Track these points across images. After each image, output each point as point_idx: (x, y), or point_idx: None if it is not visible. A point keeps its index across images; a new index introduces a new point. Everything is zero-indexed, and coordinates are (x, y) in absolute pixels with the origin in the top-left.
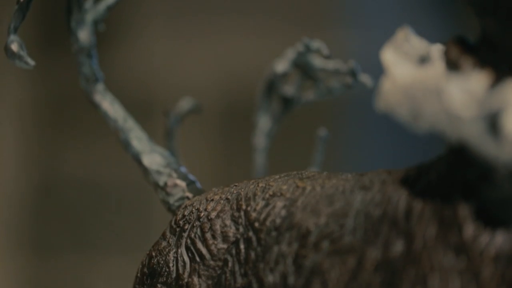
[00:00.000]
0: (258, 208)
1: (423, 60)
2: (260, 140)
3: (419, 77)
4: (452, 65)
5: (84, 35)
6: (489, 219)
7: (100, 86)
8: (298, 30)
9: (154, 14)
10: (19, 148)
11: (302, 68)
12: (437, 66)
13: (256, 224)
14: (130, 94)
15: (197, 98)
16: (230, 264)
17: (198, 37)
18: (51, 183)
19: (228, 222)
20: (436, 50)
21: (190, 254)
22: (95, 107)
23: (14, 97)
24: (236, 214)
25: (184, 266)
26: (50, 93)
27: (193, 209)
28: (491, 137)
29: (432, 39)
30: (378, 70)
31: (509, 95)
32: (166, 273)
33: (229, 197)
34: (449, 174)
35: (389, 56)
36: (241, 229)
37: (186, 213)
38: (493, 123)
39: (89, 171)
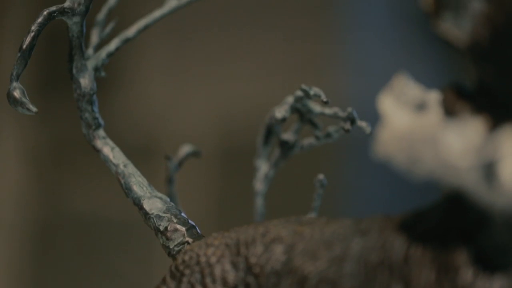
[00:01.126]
0: (257, 253)
1: (420, 107)
2: (260, 184)
3: (416, 125)
4: (449, 112)
5: (85, 81)
6: (487, 264)
7: (101, 132)
8: (295, 74)
9: (152, 59)
10: (21, 186)
11: (301, 113)
12: (434, 113)
13: (256, 269)
14: (131, 137)
15: (196, 141)
16: None
17: (197, 81)
18: (52, 221)
19: (228, 267)
20: (433, 96)
21: None
22: (97, 152)
23: (17, 137)
24: (235, 259)
25: None
26: (52, 134)
27: (193, 254)
28: (488, 185)
29: (430, 83)
30: (376, 114)
31: (506, 143)
32: None
33: (228, 242)
34: (446, 220)
35: (387, 104)
36: (241, 274)
37: (186, 258)
38: (489, 171)
39: (90, 209)
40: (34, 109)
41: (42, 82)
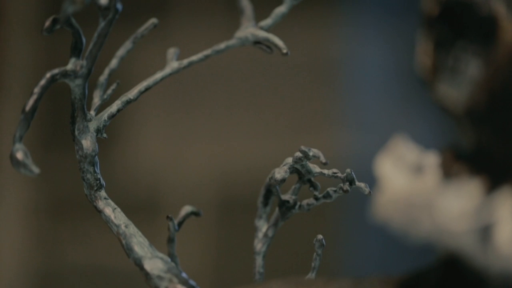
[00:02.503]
0: None
1: (418, 169)
2: (260, 244)
3: (413, 189)
4: (446, 175)
5: (87, 143)
6: None
7: (102, 193)
8: (293, 131)
9: (152, 115)
10: (23, 241)
11: (301, 174)
12: (431, 176)
13: None
14: (131, 193)
15: (196, 197)
16: None
17: (197, 138)
18: (52, 271)
19: None
20: (431, 158)
21: None
22: (98, 212)
23: (18, 194)
24: None
25: None
26: (52, 191)
27: None
28: (483, 248)
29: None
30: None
31: (502, 207)
32: None
33: None
34: (443, 283)
35: (384, 166)
36: None
37: None
38: (485, 234)
39: (90, 261)
40: (36, 171)
41: (43, 140)
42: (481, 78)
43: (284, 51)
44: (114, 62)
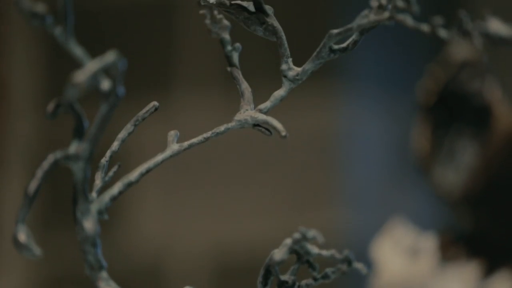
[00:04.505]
0: None
1: (415, 252)
2: None
3: (410, 273)
4: (443, 257)
5: (89, 225)
6: None
7: (104, 274)
8: (291, 208)
9: (151, 193)
10: None
11: (299, 255)
12: (428, 260)
13: None
14: (132, 270)
15: (195, 272)
16: None
17: (196, 217)
18: None
19: None
20: (428, 241)
21: None
22: None
23: (22, 270)
24: None
25: None
26: (53, 269)
27: None
28: None
29: (425, 219)
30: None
31: None
32: None
33: None
34: None
35: (381, 250)
36: None
37: None
38: None
39: None
40: (38, 252)
41: (44, 219)
42: (478, 163)
43: (283, 134)
44: (115, 145)
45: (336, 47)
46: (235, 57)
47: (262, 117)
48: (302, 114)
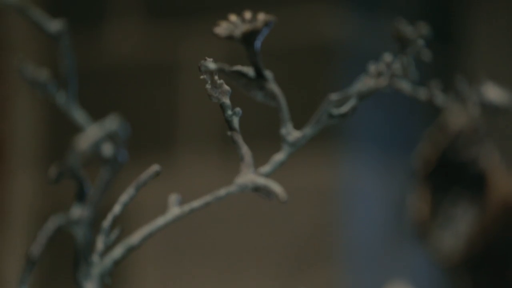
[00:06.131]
0: None
1: None
2: None
3: None
4: None
5: None
6: None
7: None
8: (290, 271)
9: (150, 258)
10: None
11: None
12: None
13: None
14: None
15: None
16: None
17: (194, 281)
18: None
19: None
20: None
21: None
22: None
23: None
24: None
25: None
26: None
27: None
28: None
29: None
30: None
31: None
32: None
33: None
34: None
35: None
36: None
37: None
38: None
39: None
40: None
41: (45, 282)
42: (476, 229)
43: (283, 199)
44: (117, 209)
45: (335, 113)
46: (236, 121)
47: (262, 181)
48: (301, 173)
